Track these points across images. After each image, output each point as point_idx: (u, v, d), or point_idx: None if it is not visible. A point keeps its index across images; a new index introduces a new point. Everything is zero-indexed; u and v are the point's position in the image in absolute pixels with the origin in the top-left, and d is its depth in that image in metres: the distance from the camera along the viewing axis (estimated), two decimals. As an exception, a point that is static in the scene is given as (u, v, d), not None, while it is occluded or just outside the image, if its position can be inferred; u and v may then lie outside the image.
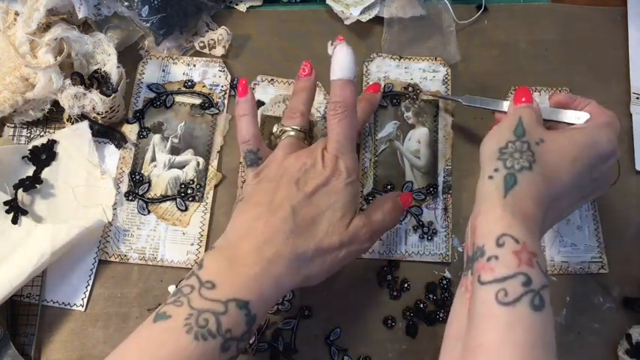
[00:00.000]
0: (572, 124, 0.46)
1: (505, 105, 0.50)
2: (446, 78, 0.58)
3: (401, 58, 0.59)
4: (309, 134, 0.50)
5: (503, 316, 0.34)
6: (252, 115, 0.48)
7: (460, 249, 0.53)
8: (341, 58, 0.46)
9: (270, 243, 0.41)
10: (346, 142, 0.45)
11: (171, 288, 0.50)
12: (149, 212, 0.53)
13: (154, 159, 0.55)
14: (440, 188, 0.54)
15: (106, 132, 0.55)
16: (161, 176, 0.54)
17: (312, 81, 0.50)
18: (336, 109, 0.45)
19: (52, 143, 0.54)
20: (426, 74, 0.58)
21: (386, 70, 0.59)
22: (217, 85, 0.58)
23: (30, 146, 0.54)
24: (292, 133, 0.48)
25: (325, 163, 0.45)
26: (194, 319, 0.37)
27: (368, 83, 0.58)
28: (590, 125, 0.44)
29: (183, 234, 0.52)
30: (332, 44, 0.47)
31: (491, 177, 0.40)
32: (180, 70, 0.59)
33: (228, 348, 0.38)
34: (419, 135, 0.56)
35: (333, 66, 0.46)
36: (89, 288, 0.50)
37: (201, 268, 0.40)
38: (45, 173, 0.53)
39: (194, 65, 0.59)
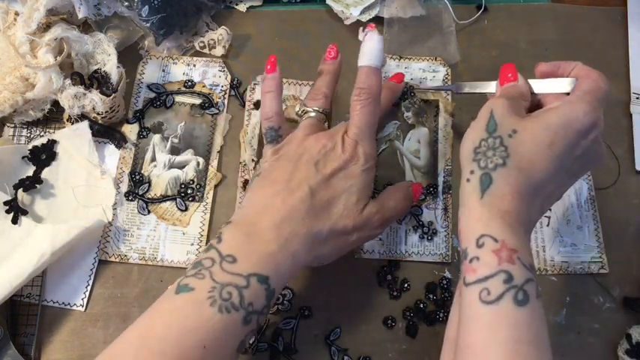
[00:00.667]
0: (564, 93, 0.45)
1: (493, 85, 0.49)
2: (446, 78, 0.58)
3: (401, 58, 0.59)
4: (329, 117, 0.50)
5: (487, 315, 0.35)
6: (277, 92, 0.48)
7: (460, 249, 0.53)
8: (371, 46, 0.47)
9: (288, 221, 0.42)
10: (367, 129, 0.46)
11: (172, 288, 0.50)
12: (149, 212, 0.53)
13: (154, 159, 0.55)
14: (440, 188, 0.54)
15: (106, 132, 0.55)
16: (161, 176, 0.54)
17: (337, 64, 0.51)
18: (360, 95, 0.46)
19: (52, 143, 0.54)
20: (426, 74, 0.58)
21: (386, 70, 0.59)
22: (217, 85, 0.58)
23: (30, 146, 0.54)
24: (313, 114, 0.48)
25: (345, 148, 0.45)
26: (217, 292, 0.38)
27: None
28: (565, 102, 0.42)
29: (183, 234, 0.52)
30: (363, 31, 0.48)
31: (468, 180, 0.40)
32: (180, 70, 0.59)
33: (249, 321, 0.39)
34: (419, 135, 0.56)
35: (362, 52, 0.47)
36: (89, 288, 0.50)
37: (221, 242, 0.41)
38: (45, 173, 0.53)
39: (194, 65, 0.59)
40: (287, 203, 0.43)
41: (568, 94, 0.44)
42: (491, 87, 0.50)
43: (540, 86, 0.46)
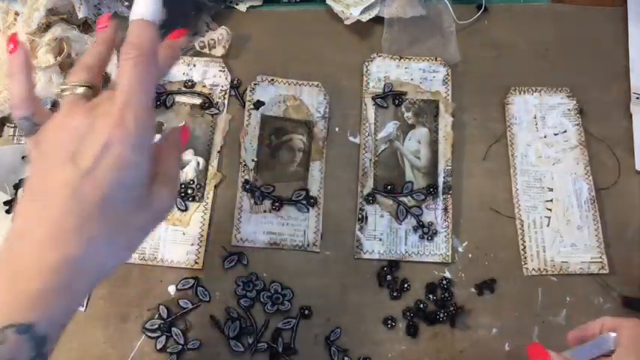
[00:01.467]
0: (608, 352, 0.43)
1: None
2: (446, 78, 0.58)
3: (401, 58, 0.59)
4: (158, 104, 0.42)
5: None
6: (25, 74, 0.38)
7: (460, 249, 0.53)
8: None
9: (52, 246, 0.32)
10: (139, 92, 0.35)
11: (171, 288, 0.50)
12: (149, 212, 0.53)
13: (154, 159, 0.55)
14: (440, 188, 0.54)
15: (106, 132, 0.55)
16: (161, 176, 0.54)
17: (108, 32, 0.41)
18: (128, 53, 0.35)
19: (52, 143, 0.54)
20: (426, 74, 0.58)
21: (386, 70, 0.59)
22: (217, 85, 0.58)
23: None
24: (74, 90, 0.37)
25: (107, 119, 0.34)
26: None
27: (369, 83, 0.58)
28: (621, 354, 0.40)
29: (183, 234, 0.52)
30: None
31: None
32: (180, 70, 0.59)
33: None
34: (419, 135, 0.56)
35: (133, 6, 0.38)
36: (89, 288, 0.50)
37: None
38: (45, 173, 0.53)
39: (194, 65, 0.59)
40: (44, 223, 0.33)
41: (613, 351, 0.42)
42: None
43: (584, 353, 0.43)
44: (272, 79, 0.58)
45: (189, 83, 0.58)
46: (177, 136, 0.41)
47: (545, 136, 0.56)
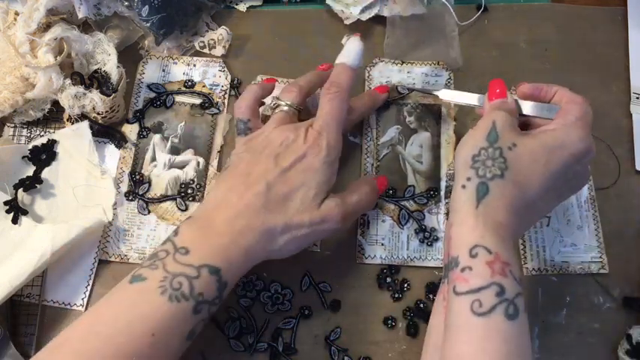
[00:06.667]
0: (546, 118, 0.46)
1: (476, 98, 0.50)
2: (448, 82, 0.58)
3: (403, 62, 0.59)
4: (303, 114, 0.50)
5: (478, 327, 0.35)
6: (257, 91, 0.50)
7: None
8: (350, 47, 0.50)
9: (242, 216, 0.42)
10: (332, 121, 0.46)
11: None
12: (149, 212, 0.53)
13: (154, 159, 0.55)
14: (442, 193, 0.54)
15: (106, 132, 0.55)
16: (161, 176, 0.54)
17: (326, 74, 0.51)
18: (329, 89, 0.47)
19: (52, 143, 0.54)
20: (429, 78, 0.58)
21: (388, 75, 0.58)
22: (217, 85, 0.58)
23: (30, 146, 0.54)
24: (285, 107, 0.48)
25: (307, 139, 0.45)
26: (168, 281, 0.39)
27: (370, 88, 0.58)
28: (561, 125, 0.43)
29: (184, 234, 0.52)
30: (347, 36, 0.51)
31: (464, 186, 0.41)
32: (180, 70, 0.59)
33: (200, 310, 0.40)
34: (421, 139, 0.56)
35: (341, 52, 0.50)
36: (89, 288, 0.50)
37: (177, 235, 0.42)
38: (45, 173, 0.53)
39: (194, 65, 0.59)
40: (243, 198, 0.43)
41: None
42: (477, 99, 0.51)
43: (528, 108, 0.47)
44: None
45: (189, 83, 0.58)
46: (373, 178, 0.50)
47: (545, 136, 0.56)
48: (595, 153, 0.44)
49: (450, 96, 0.53)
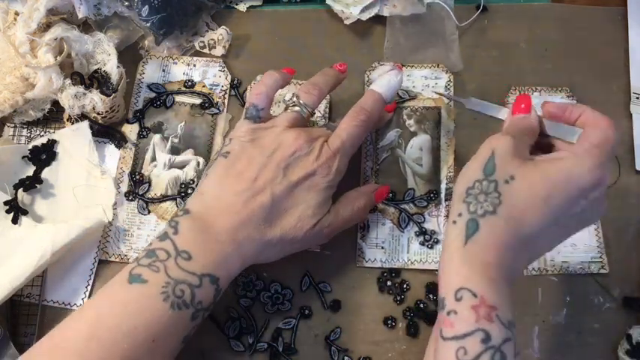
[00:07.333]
0: (569, 142, 0.42)
1: (505, 112, 0.46)
2: (448, 84, 0.58)
3: (403, 65, 0.59)
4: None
5: None
6: (278, 80, 0.49)
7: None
8: (390, 80, 0.50)
9: (245, 226, 0.43)
10: (349, 146, 0.46)
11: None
12: (149, 212, 0.53)
13: (154, 159, 0.55)
14: (442, 195, 0.54)
15: (106, 132, 0.55)
16: (161, 176, 0.54)
17: (341, 75, 0.51)
18: (359, 114, 0.47)
19: (52, 143, 0.54)
20: (428, 81, 0.58)
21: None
22: (217, 85, 0.58)
23: (30, 146, 0.54)
24: (301, 109, 0.48)
25: (320, 156, 0.45)
26: (171, 288, 0.39)
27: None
28: (571, 154, 0.39)
29: (184, 234, 0.52)
30: (390, 65, 0.52)
31: (454, 222, 0.38)
32: (180, 70, 0.59)
33: (197, 317, 0.41)
34: (421, 142, 0.56)
35: (380, 80, 0.50)
36: (89, 288, 0.50)
37: (177, 234, 0.42)
38: (45, 173, 0.53)
39: (194, 65, 0.59)
40: (248, 207, 0.43)
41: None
42: (502, 113, 0.47)
43: (551, 128, 0.43)
44: (272, 79, 0.58)
45: (189, 83, 0.58)
46: (373, 190, 0.50)
47: (545, 136, 0.56)
48: (607, 183, 0.40)
49: (477, 107, 0.49)
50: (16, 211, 0.50)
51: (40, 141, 0.54)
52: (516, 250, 0.37)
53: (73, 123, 0.54)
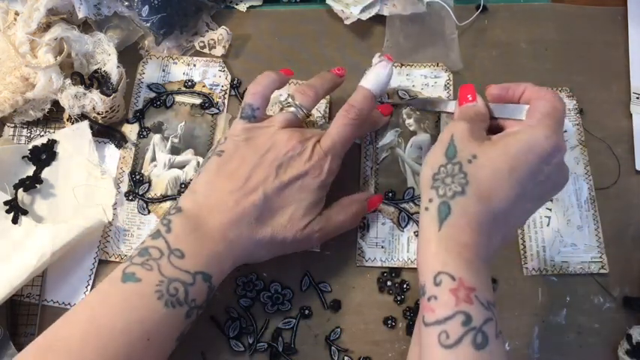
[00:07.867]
0: (518, 119, 0.43)
1: (451, 105, 0.47)
2: (447, 83, 0.58)
3: (402, 65, 0.59)
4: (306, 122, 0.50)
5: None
6: (275, 81, 0.49)
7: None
8: (379, 73, 0.48)
9: (236, 225, 0.43)
10: (340, 146, 0.46)
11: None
12: (149, 212, 0.53)
13: (154, 159, 0.55)
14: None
15: (106, 132, 0.55)
16: (161, 176, 0.54)
17: (339, 79, 0.51)
18: (349, 112, 0.46)
19: (52, 143, 0.54)
20: (428, 80, 0.58)
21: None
22: (217, 85, 0.58)
23: (30, 146, 0.54)
24: (297, 110, 0.47)
25: (312, 156, 0.45)
26: (165, 286, 0.39)
27: None
28: (525, 127, 0.40)
29: (184, 234, 0.52)
30: (380, 56, 0.50)
31: (426, 208, 0.39)
32: (180, 70, 0.59)
33: (191, 315, 0.41)
34: (420, 141, 0.56)
35: (368, 75, 0.49)
36: (89, 288, 0.50)
37: (170, 232, 0.42)
38: (45, 173, 0.53)
39: (194, 65, 0.59)
40: (240, 205, 0.43)
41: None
42: (450, 106, 0.49)
43: (499, 110, 0.45)
44: (272, 79, 0.58)
45: (189, 83, 0.58)
46: (366, 198, 0.50)
47: (545, 136, 0.56)
48: (566, 149, 0.41)
49: (424, 105, 0.53)
50: (16, 211, 0.50)
51: (40, 141, 0.54)
52: (490, 227, 0.38)
53: (73, 123, 0.54)
